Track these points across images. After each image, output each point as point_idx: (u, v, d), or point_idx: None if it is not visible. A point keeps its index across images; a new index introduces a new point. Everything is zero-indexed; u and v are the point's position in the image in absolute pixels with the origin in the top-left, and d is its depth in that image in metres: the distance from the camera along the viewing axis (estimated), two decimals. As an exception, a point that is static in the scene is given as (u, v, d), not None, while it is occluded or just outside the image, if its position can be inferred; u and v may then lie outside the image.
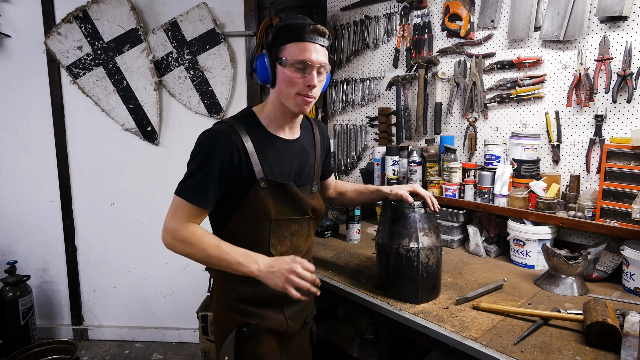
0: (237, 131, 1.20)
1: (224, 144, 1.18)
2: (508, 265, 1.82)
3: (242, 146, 1.19)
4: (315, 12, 2.50)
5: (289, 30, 1.18)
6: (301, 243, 1.35)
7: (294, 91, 1.20)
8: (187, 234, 1.18)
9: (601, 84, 1.69)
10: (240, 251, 1.18)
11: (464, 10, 2.10)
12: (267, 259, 1.18)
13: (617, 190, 1.56)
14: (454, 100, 2.21)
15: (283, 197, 1.27)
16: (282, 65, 1.19)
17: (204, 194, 1.18)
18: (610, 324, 1.13)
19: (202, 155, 1.18)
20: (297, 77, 1.18)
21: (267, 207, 1.23)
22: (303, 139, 1.37)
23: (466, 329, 1.26)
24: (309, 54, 1.16)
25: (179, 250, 1.20)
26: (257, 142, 1.23)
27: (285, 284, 1.12)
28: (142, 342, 3.07)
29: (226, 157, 1.17)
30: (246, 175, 1.21)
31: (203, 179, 1.18)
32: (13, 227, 3.00)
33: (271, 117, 1.28)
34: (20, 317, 2.73)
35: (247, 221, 1.24)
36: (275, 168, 1.25)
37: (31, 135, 2.91)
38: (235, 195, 1.22)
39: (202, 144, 1.19)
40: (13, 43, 2.80)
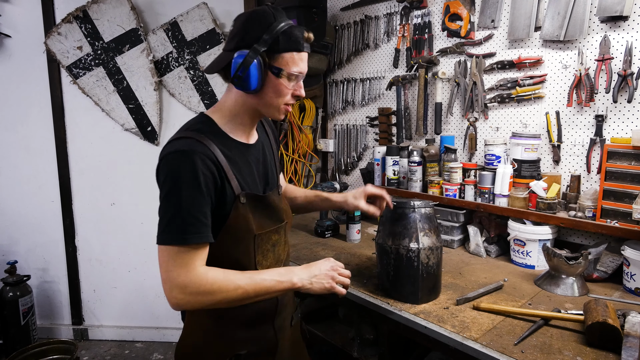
0: (206, 145, 1.03)
1: (202, 163, 1.00)
2: (508, 265, 1.82)
3: (217, 161, 1.04)
4: (316, 12, 2.50)
5: (290, 37, 1.06)
6: (282, 252, 1.26)
7: (282, 101, 1.12)
8: (209, 282, 1.00)
9: (602, 83, 1.69)
10: (271, 272, 1.10)
11: (464, 10, 2.09)
12: (299, 267, 1.16)
13: (618, 191, 1.56)
14: (454, 100, 2.20)
15: (261, 209, 1.16)
16: (276, 76, 1.07)
17: (204, 225, 1.01)
18: (611, 325, 1.13)
19: (183, 183, 0.99)
20: (288, 88, 1.10)
21: (249, 223, 1.11)
22: (261, 139, 1.26)
23: (466, 329, 1.26)
24: (304, 66, 1.11)
25: (203, 304, 1.02)
26: (225, 153, 1.08)
27: (333, 285, 1.14)
28: (142, 342, 3.07)
29: (208, 177, 1.01)
30: (228, 193, 1.07)
31: (196, 208, 0.99)
32: (13, 227, 2.99)
33: (236, 122, 1.15)
34: (20, 317, 2.73)
35: (230, 243, 1.10)
36: (248, 178, 1.14)
37: (31, 135, 2.90)
38: (217, 218, 1.06)
39: (177, 171, 0.99)
40: (13, 43, 2.80)
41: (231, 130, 1.14)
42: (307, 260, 1.86)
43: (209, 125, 1.11)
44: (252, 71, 1.05)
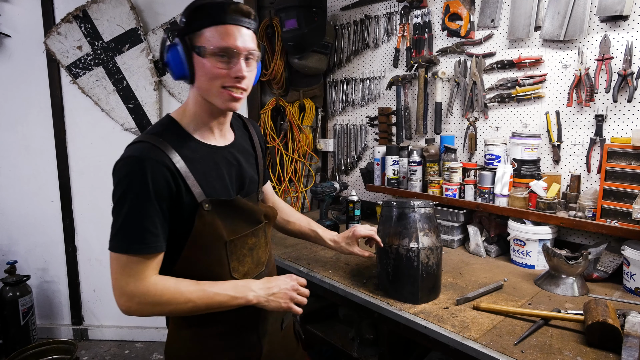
0: (162, 150, 0.98)
1: (153, 170, 0.95)
2: (508, 265, 1.82)
3: (173, 167, 0.98)
4: (315, 12, 2.50)
5: (206, 11, 0.98)
6: (262, 254, 1.21)
7: (217, 84, 1.00)
8: (159, 292, 0.97)
9: (602, 83, 1.69)
10: (227, 285, 1.05)
11: (464, 9, 2.09)
12: (258, 282, 1.10)
13: (618, 190, 1.56)
14: (454, 100, 2.20)
15: (232, 214, 1.10)
16: (201, 55, 0.98)
17: (153, 234, 0.97)
18: (611, 325, 1.13)
19: (132, 192, 0.95)
20: (220, 68, 0.99)
21: (217, 231, 1.05)
22: (239, 141, 1.19)
23: (466, 329, 1.26)
24: (233, 40, 0.98)
25: (152, 313, 1.00)
26: (187, 157, 1.02)
27: (290, 303, 1.11)
28: (142, 342, 3.07)
29: (160, 185, 0.96)
30: (187, 200, 1.01)
31: (145, 217, 0.95)
32: (13, 227, 2.99)
33: (197, 121, 1.08)
34: (20, 317, 2.73)
35: (199, 252, 1.05)
36: (216, 183, 1.07)
37: (31, 135, 2.90)
38: (179, 227, 1.02)
39: (126, 178, 0.95)
40: (13, 43, 2.80)
41: (195, 130, 1.08)
42: (307, 261, 1.86)
43: (172, 128, 1.06)
44: (171, 56, 1.01)
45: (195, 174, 1.02)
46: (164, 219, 0.99)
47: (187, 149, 1.04)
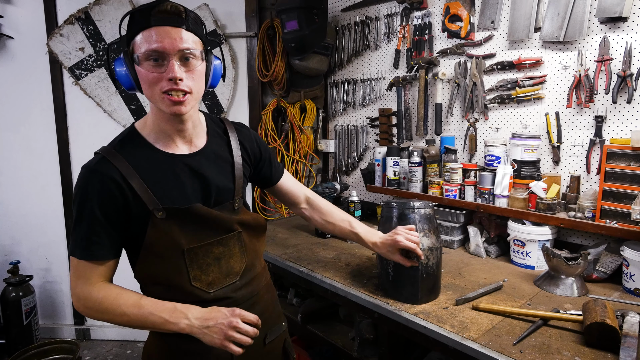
0: (111, 162, 1.00)
1: (96, 183, 0.98)
2: (508, 265, 1.82)
3: (121, 178, 0.99)
4: (316, 13, 2.51)
5: (135, 17, 0.96)
6: (234, 264, 1.15)
7: (157, 90, 0.97)
8: (98, 299, 1.01)
9: (601, 84, 1.70)
10: (166, 306, 1.01)
11: (464, 11, 2.10)
12: (199, 310, 1.02)
13: (617, 191, 1.56)
14: (455, 101, 2.21)
15: (192, 221, 1.07)
16: (137, 64, 0.97)
17: (96, 244, 1.00)
18: (609, 325, 1.14)
19: (78, 203, 1.00)
20: (154, 73, 0.96)
21: (172, 239, 1.04)
22: (211, 148, 1.14)
23: (465, 329, 1.26)
24: (159, 41, 0.94)
25: (97, 318, 1.04)
26: (142, 166, 1.02)
27: (224, 341, 0.98)
28: (144, 342, 3.08)
29: (104, 196, 0.99)
30: (137, 209, 1.01)
31: (88, 228, 0.99)
32: (16, 228, 3.01)
33: (155, 130, 1.07)
34: (23, 317, 2.75)
35: (155, 259, 1.05)
36: (172, 192, 1.05)
37: (34, 136, 2.92)
38: (133, 236, 1.04)
39: (76, 190, 1.01)
40: (16, 44, 2.82)
41: (156, 139, 1.07)
42: (308, 261, 1.87)
43: (128, 138, 1.07)
44: (117, 69, 1.02)
45: (148, 183, 1.02)
46: (110, 228, 1.01)
47: (142, 158, 1.04)
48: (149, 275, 1.08)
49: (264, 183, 1.39)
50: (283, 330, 1.32)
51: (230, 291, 1.14)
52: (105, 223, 1.00)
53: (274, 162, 1.36)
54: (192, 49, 0.98)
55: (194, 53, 0.99)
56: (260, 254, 1.28)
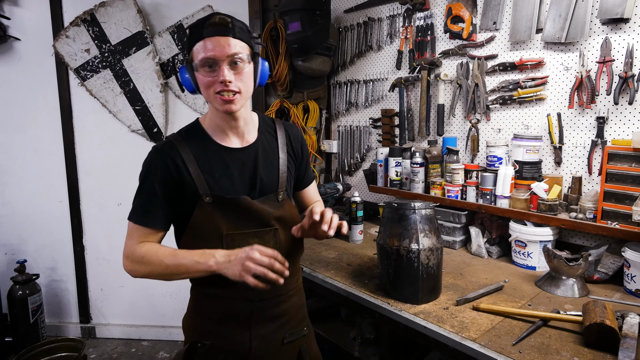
0: (175, 146, 1.16)
1: (159, 161, 1.15)
2: (509, 266, 1.83)
3: (180, 161, 1.15)
4: (319, 15, 2.52)
5: (192, 31, 1.13)
6: None
7: (212, 92, 1.13)
8: (141, 253, 1.14)
9: (603, 85, 1.70)
10: (196, 252, 1.13)
11: (466, 12, 2.10)
12: (225, 251, 1.12)
13: (619, 192, 1.56)
14: (457, 102, 2.22)
15: (235, 211, 1.18)
16: (196, 70, 1.13)
17: (150, 213, 1.16)
18: (609, 326, 1.14)
19: (143, 176, 1.17)
20: (208, 77, 1.11)
21: (215, 223, 1.16)
22: (260, 143, 1.26)
23: (465, 329, 1.27)
24: (210, 50, 1.09)
25: (140, 273, 1.16)
26: (200, 155, 1.18)
27: (241, 271, 1.06)
28: (148, 341, 3.12)
29: (164, 173, 1.15)
30: (190, 191, 1.16)
31: (146, 199, 1.16)
32: (23, 227, 3.05)
33: (212, 125, 1.22)
34: (29, 315, 2.78)
35: (197, 238, 1.17)
36: (223, 180, 1.18)
37: (40, 137, 2.96)
38: (183, 213, 1.18)
39: (143, 165, 1.18)
40: (22, 46, 2.85)
41: (214, 133, 1.22)
42: (309, 261, 1.89)
43: (195, 128, 1.23)
44: (181, 76, 1.18)
45: (203, 169, 1.16)
46: (164, 203, 1.16)
47: (201, 147, 1.19)
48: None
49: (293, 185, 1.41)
50: (302, 335, 1.34)
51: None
52: (161, 197, 1.15)
53: (308, 168, 1.45)
54: (239, 53, 1.11)
55: (241, 57, 1.12)
56: (295, 257, 1.33)
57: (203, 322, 1.25)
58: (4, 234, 3.05)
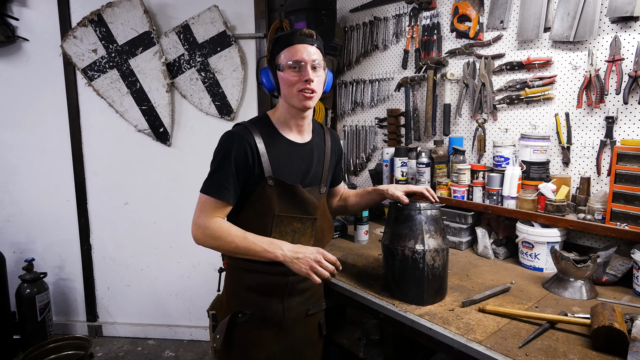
0: (251, 133, 1.33)
1: (238, 143, 1.31)
2: (516, 267, 1.81)
3: (255, 146, 1.32)
4: (325, 14, 2.51)
5: (281, 40, 1.33)
6: (303, 241, 1.42)
7: (294, 89, 1.31)
8: (215, 228, 1.30)
9: (612, 85, 1.67)
10: (265, 240, 1.29)
11: (473, 11, 2.09)
12: (291, 245, 1.29)
13: (628, 193, 1.54)
14: (463, 102, 2.20)
15: (288, 196, 1.36)
16: (281, 71, 1.32)
17: (225, 188, 1.31)
18: (617, 329, 1.12)
19: (221, 155, 1.32)
20: (293, 76, 1.30)
21: (271, 203, 1.34)
22: (314, 142, 1.46)
23: (471, 331, 1.26)
24: (299, 54, 1.30)
25: (209, 245, 1.32)
26: (269, 143, 1.35)
27: (309, 271, 1.23)
28: (154, 340, 3.13)
29: (240, 155, 1.30)
30: (257, 172, 1.33)
31: (223, 175, 1.31)
32: (31, 226, 3.08)
33: (281, 120, 1.40)
34: (37, 313, 2.81)
35: (253, 214, 1.35)
36: (284, 168, 1.36)
37: (48, 136, 2.98)
38: (247, 191, 1.35)
39: (220, 144, 1.33)
40: (31, 46, 2.88)
41: (281, 127, 1.40)
42: (315, 261, 1.88)
43: (264, 121, 1.41)
44: (264, 76, 1.39)
45: (270, 156, 1.34)
46: (237, 180, 1.32)
47: (269, 137, 1.37)
48: (242, 224, 1.34)
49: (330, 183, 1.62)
50: (322, 309, 1.56)
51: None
52: (235, 174, 1.31)
53: (342, 169, 1.67)
54: (319, 60, 1.33)
55: (320, 64, 1.34)
56: (325, 243, 1.54)
57: (245, 293, 1.40)
58: (13, 233, 3.08)
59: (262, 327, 1.40)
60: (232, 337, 1.40)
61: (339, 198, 1.72)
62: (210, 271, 2.93)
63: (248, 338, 1.40)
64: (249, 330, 1.40)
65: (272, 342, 1.41)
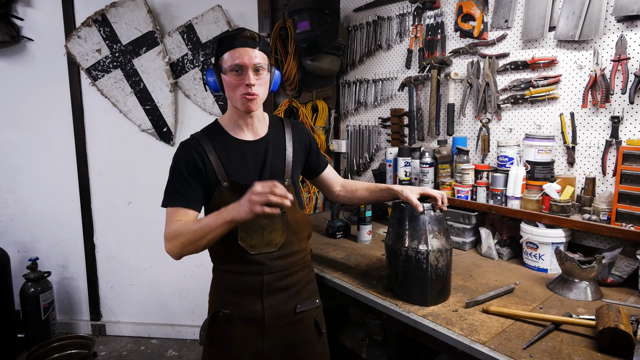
0: (199, 140, 1.37)
1: (186, 152, 1.35)
2: (520, 268, 1.80)
3: (204, 153, 1.35)
4: (328, 14, 2.51)
5: (224, 42, 1.34)
6: (275, 237, 1.40)
7: (237, 93, 1.32)
8: (174, 228, 1.29)
9: (618, 84, 1.66)
10: (214, 213, 1.25)
11: (477, 10, 2.08)
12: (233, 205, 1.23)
13: (634, 194, 1.53)
14: (467, 101, 2.19)
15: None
16: (224, 73, 1.33)
17: (182, 195, 1.33)
18: (623, 330, 1.11)
19: (172, 166, 1.36)
20: (236, 80, 1.31)
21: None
22: (270, 137, 1.46)
23: (475, 332, 1.25)
24: (241, 58, 1.29)
25: (177, 248, 1.28)
26: (220, 147, 1.37)
27: (250, 207, 1.16)
28: (157, 339, 3.14)
29: (190, 163, 1.34)
30: (211, 178, 1.35)
31: (178, 184, 1.34)
32: (35, 225, 3.09)
33: (231, 121, 1.43)
34: (41, 312, 2.82)
35: None
36: (238, 168, 1.38)
37: (52, 136, 3.00)
38: (207, 198, 1.38)
39: (174, 157, 1.38)
40: (35, 46, 2.89)
41: (231, 129, 1.42)
42: (317, 261, 1.88)
43: (214, 127, 1.44)
44: (208, 77, 1.40)
45: (222, 159, 1.36)
46: (193, 186, 1.34)
47: (220, 141, 1.39)
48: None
49: (310, 173, 1.64)
50: (316, 305, 1.52)
51: (267, 258, 1.39)
52: (189, 181, 1.33)
53: (320, 155, 1.65)
54: (262, 63, 1.33)
55: (263, 66, 1.33)
56: (302, 238, 1.50)
57: (223, 294, 1.43)
58: (17, 232, 3.09)
59: (243, 326, 1.40)
60: (214, 334, 1.42)
61: (341, 188, 1.69)
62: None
63: (230, 335, 1.40)
64: (231, 328, 1.40)
65: (258, 339, 1.40)
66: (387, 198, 1.59)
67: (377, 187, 1.61)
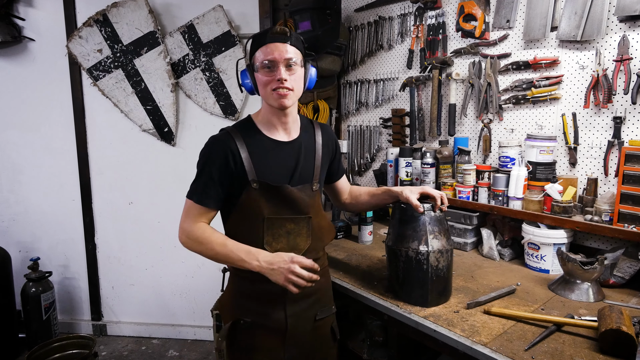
0: (232, 137, 1.33)
1: (219, 149, 1.31)
2: (522, 269, 1.79)
3: (236, 151, 1.31)
4: (330, 13, 2.51)
5: (254, 40, 1.33)
6: (300, 242, 1.39)
7: (269, 89, 1.30)
8: (198, 233, 1.31)
9: (620, 84, 1.65)
10: (243, 248, 1.28)
11: (478, 10, 2.07)
12: (267, 255, 1.26)
13: (636, 194, 1.52)
14: (468, 102, 2.18)
15: (277, 197, 1.34)
16: (256, 71, 1.32)
17: (207, 194, 1.32)
18: (625, 332, 1.11)
19: (203, 161, 1.33)
20: (267, 76, 1.30)
21: (258, 207, 1.32)
22: (302, 139, 1.43)
23: (476, 333, 1.25)
24: (272, 53, 1.28)
25: (193, 248, 1.33)
26: (252, 146, 1.34)
27: (285, 282, 1.22)
28: (158, 339, 3.14)
29: (222, 161, 1.31)
30: (241, 177, 1.32)
31: (205, 181, 1.32)
32: (36, 225, 3.10)
33: (265, 120, 1.39)
34: (42, 312, 2.82)
35: (242, 219, 1.35)
36: (270, 169, 1.35)
37: (53, 136, 3.00)
38: (233, 196, 1.35)
39: (203, 151, 1.35)
40: (37, 46, 2.90)
41: (265, 128, 1.39)
42: (318, 261, 1.87)
43: (248, 123, 1.40)
44: (242, 78, 1.39)
45: (254, 159, 1.32)
46: (219, 185, 1.32)
47: (252, 140, 1.35)
48: (234, 229, 1.36)
49: (327, 179, 1.60)
50: (332, 313, 1.52)
51: None
52: (217, 181, 1.31)
53: (340, 163, 1.63)
54: (294, 58, 1.30)
55: (296, 61, 1.31)
56: (323, 243, 1.50)
57: (243, 301, 1.38)
58: (18, 232, 3.10)
59: (265, 335, 1.37)
60: (234, 342, 1.38)
61: (348, 195, 1.68)
62: (214, 271, 2.93)
63: (252, 343, 1.37)
64: (253, 336, 1.37)
65: (279, 348, 1.38)
66: (389, 200, 1.57)
67: (377, 190, 1.61)
